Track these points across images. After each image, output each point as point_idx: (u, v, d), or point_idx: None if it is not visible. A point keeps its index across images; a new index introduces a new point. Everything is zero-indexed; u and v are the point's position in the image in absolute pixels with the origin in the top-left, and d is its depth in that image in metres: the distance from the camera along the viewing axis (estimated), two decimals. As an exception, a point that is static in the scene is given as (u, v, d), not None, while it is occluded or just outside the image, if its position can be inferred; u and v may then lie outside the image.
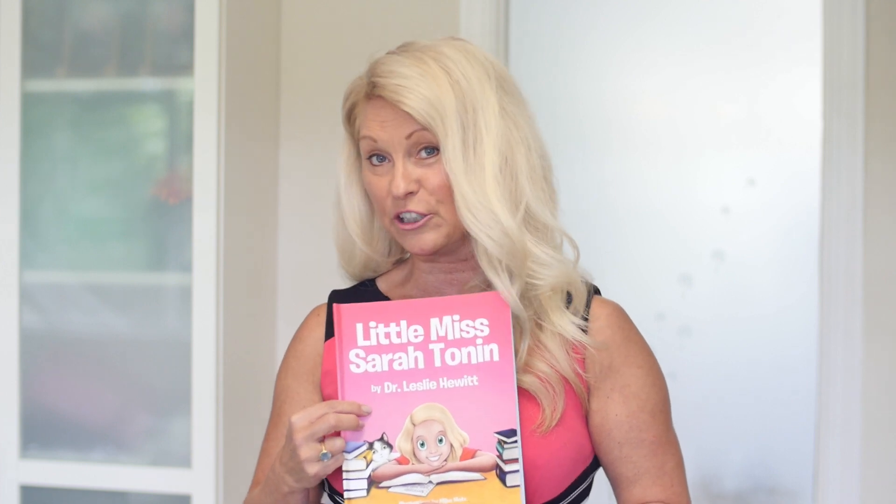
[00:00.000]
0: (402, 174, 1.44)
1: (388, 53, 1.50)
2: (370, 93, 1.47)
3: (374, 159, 1.47)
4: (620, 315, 1.53)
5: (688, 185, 3.48)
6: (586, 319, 1.49)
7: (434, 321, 1.42)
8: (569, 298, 1.50)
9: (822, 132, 2.93)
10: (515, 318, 1.46)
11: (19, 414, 2.79)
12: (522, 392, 1.44)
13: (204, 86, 2.68)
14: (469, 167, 1.43)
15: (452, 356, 1.41)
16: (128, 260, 2.81)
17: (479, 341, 1.41)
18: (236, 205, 2.78)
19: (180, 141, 2.76)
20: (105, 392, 2.81)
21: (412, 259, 1.56)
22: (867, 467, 2.90)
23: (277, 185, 3.10)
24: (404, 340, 1.41)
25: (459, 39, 1.51)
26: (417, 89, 1.43)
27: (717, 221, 3.46)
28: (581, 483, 1.49)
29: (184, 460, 2.72)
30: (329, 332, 1.54)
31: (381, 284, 1.58)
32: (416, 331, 1.42)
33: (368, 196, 1.53)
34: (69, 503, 2.81)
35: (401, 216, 1.46)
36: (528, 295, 1.47)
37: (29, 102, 2.79)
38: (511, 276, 1.45)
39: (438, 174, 1.44)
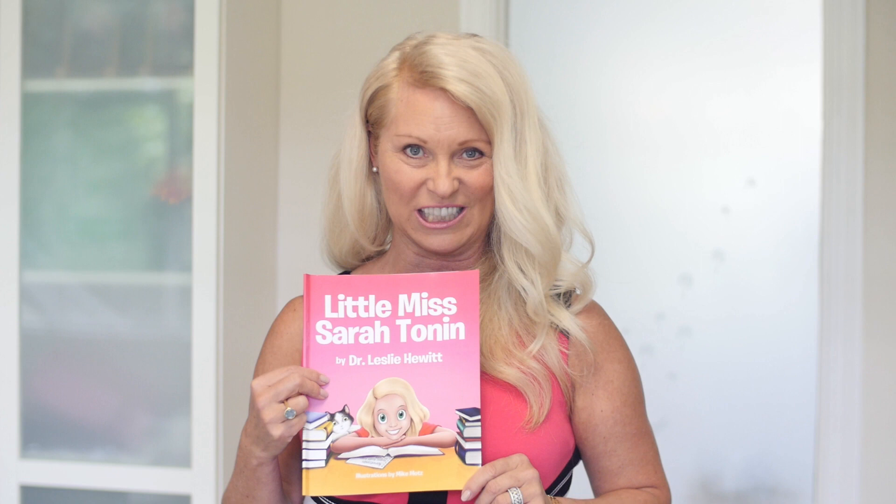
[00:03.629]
0: (447, 173, 1.43)
1: (427, 42, 1.45)
2: (424, 81, 1.43)
3: (409, 150, 1.45)
4: (600, 311, 1.55)
5: (688, 185, 3.48)
6: None
7: (402, 297, 1.43)
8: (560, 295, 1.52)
9: (822, 132, 2.93)
10: (530, 319, 1.47)
11: (19, 414, 2.79)
12: (509, 387, 1.46)
13: (204, 86, 2.68)
14: (518, 171, 1.45)
15: (418, 332, 1.42)
16: (128, 260, 2.81)
17: (446, 319, 1.42)
18: (236, 205, 2.78)
19: (180, 141, 2.76)
20: (105, 392, 2.81)
21: (397, 249, 1.55)
22: (867, 467, 2.90)
23: (277, 185, 3.10)
24: (371, 315, 1.42)
25: (479, 36, 1.50)
26: (482, 86, 1.42)
27: (717, 221, 3.46)
28: (563, 477, 1.51)
29: (184, 460, 2.72)
30: None
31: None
32: (383, 306, 1.43)
33: (370, 181, 1.52)
34: (69, 503, 2.81)
35: (424, 211, 1.45)
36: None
37: (29, 102, 2.79)
38: (541, 278, 1.46)
39: (481, 176, 1.45)
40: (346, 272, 1.60)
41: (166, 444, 2.76)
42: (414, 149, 1.45)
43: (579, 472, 1.56)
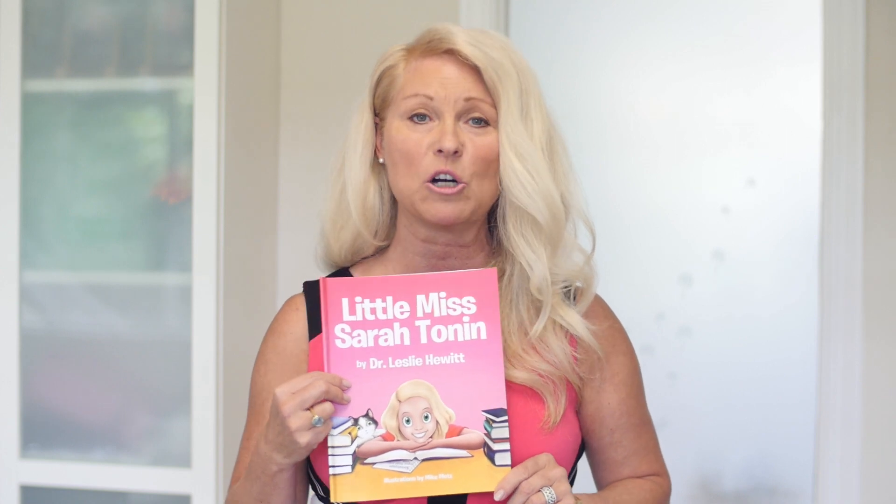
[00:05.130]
0: (453, 131, 1.44)
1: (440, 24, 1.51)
2: (432, 49, 1.48)
3: (416, 118, 1.46)
4: (605, 308, 1.56)
5: (688, 185, 3.48)
6: None
7: (420, 298, 1.41)
8: (570, 294, 1.52)
9: (822, 132, 2.93)
10: (533, 297, 1.46)
11: (19, 414, 2.79)
12: (525, 389, 1.45)
13: (204, 86, 2.68)
14: (526, 131, 1.46)
15: (439, 333, 1.40)
16: (128, 260, 2.81)
17: (466, 319, 1.41)
18: (236, 205, 2.78)
19: (180, 141, 2.76)
20: (105, 392, 2.81)
21: (401, 241, 1.53)
22: (867, 467, 2.90)
23: (277, 185, 3.10)
24: (390, 316, 1.41)
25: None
26: (489, 52, 1.45)
27: (717, 221, 3.46)
28: (574, 469, 1.52)
29: (184, 460, 2.72)
30: (313, 329, 1.51)
31: (357, 273, 1.56)
32: (401, 307, 1.41)
33: (374, 173, 1.52)
34: (69, 503, 2.81)
35: (434, 179, 1.44)
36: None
37: (29, 102, 2.79)
38: (545, 251, 1.46)
39: (486, 145, 1.45)
40: (343, 269, 1.57)
41: (166, 444, 2.76)
42: (420, 116, 1.46)
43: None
